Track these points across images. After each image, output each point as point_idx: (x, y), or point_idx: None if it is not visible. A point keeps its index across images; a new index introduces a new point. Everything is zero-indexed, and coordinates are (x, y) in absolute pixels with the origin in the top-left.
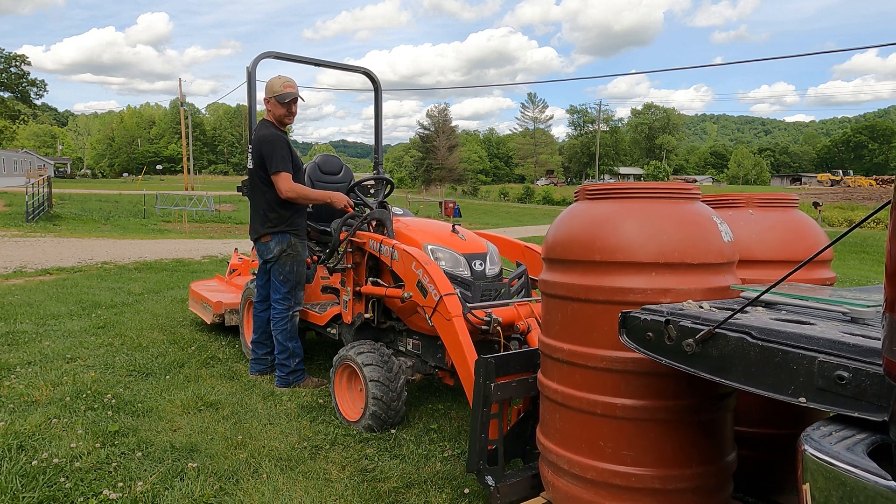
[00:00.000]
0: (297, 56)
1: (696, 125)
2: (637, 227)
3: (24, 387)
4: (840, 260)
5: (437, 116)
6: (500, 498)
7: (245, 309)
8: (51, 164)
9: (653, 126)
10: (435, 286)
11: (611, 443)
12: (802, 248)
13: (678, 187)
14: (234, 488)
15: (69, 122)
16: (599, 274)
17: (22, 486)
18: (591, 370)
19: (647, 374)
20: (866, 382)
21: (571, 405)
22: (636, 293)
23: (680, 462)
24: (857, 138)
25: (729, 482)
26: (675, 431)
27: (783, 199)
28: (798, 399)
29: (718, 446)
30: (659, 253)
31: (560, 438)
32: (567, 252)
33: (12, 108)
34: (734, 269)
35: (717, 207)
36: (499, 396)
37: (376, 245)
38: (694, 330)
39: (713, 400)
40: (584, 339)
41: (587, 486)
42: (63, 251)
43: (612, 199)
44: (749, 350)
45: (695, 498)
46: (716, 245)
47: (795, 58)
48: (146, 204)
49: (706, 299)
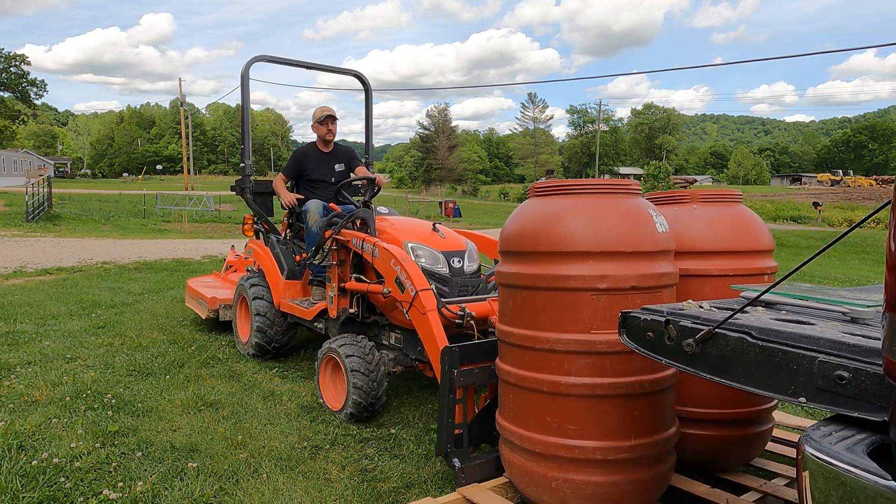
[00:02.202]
0: (288, 59)
1: (696, 125)
2: (578, 220)
3: (24, 387)
4: (840, 260)
5: (438, 116)
6: (465, 478)
7: (238, 304)
8: (51, 164)
9: (653, 126)
10: (411, 282)
11: (556, 418)
12: (744, 240)
13: (619, 184)
14: (234, 488)
15: (69, 122)
16: (545, 263)
17: (22, 486)
18: (538, 352)
19: (587, 353)
20: (866, 382)
21: (522, 385)
22: (576, 280)
23: (620, 435)
24: (857, 138)
25: (670, 454)
26: (615, 407)
27: (727, 194)
28: (798, 399)
29: (657, 421)
30: (597, 243)
31: (513, 417)
32: (517, 244)
33: (12, 108)
34: (670, 257)
35: (664, 203)
36: (462, 382)
37: (359, 243)
38: (694, 330)
39: (652, 379)
40: (532, 323)
41: (537, 460)
42: (63, 251)
43: (558, 195)
44: (749, 350)
45: (635, 468)
46: (650, 235)
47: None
48: (146, 204)
49: (640, 284)
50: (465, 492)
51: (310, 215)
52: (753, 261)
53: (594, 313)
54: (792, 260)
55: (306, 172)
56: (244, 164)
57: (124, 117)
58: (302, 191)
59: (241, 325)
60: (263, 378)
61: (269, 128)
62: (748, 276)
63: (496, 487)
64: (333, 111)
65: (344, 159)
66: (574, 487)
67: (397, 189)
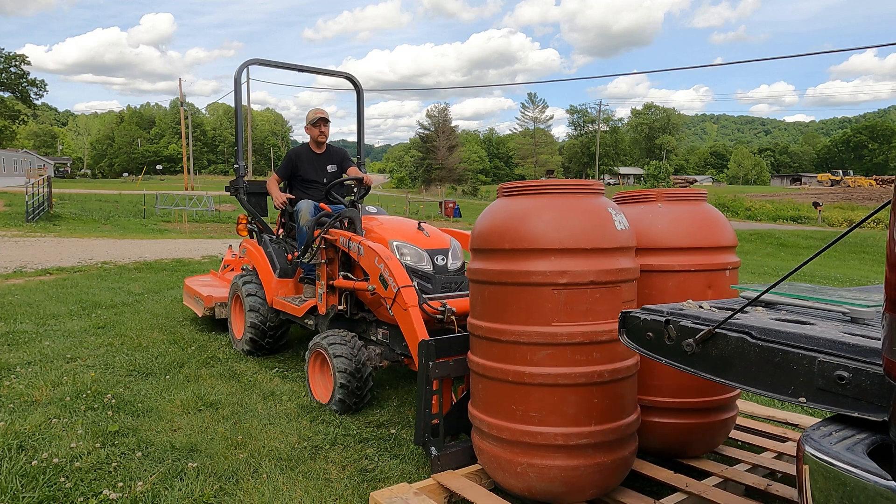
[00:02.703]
0: (280, 63)
1: (696, 125)
2: (541, 219)
3: (24, 387)
4: (840, 260)
5: (438, 116)
6: (441, 465)
7: (233, 302)
8: (51, 163)
9: (653, 126)
10: (394, 279)
11: (521, 406)
12: (707, 237)
13: (581, 184)
14: (234, 488)
15: (69, 122)
16: (510, 260)
17: (22, 486)
18: (504, 343)
19: (549, 345)
20: (866, 382)
21: (490, 375)
22: (538, 275)
23: (580, 421)
24: (857, 138)
25: (630, 440)
26: (575, 395)
27: (691, 193)
28: (798, 399)
29: (617, 408)
30: (558, 240)
31: (483, 406)
32: (485, 242)
33: (12, 108)
34: (630, 253)
35: (631, 202)
36: (437, 374)
37: (346, 241)
38: (694, 330)
39: (611, 369)
40: (498, 317)
41: (504, 446)
42: (63, 251)
43: (524, 195)
44: (749, 350)
45: (595, 453)
46: (609, 233)
47: (795, 58)
48: (146, 204)
49: (599, 279)
50: (440, 478)
51: (301, 215)
52: (715, 256)
53: (555, 307)
54: (792, 260)
55: (299, 173)
56: (237, 165)
57: (124, 117)
58: (295, 191)
59: (235, 322)
60: (263, 378)
61: (269, 128)
62: (710, 271)
63: (469, 474)
64: (326, 114)
65: (336, 160)
66: (538, 471)
67: (397, 189)
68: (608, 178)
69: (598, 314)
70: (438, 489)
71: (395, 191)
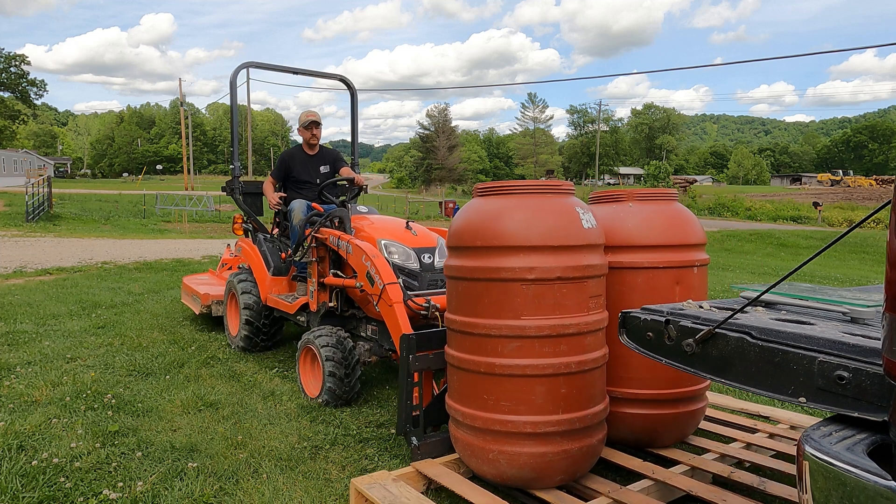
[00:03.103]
0: (275, 65)
1: (696, 125)
2: (511, 218)
3: (24, 387)
4: (840, 260)
5: (438, 116)
6: (420, 454)
7: (228, 300)
8: (51, 163)
9: (653, 126)
10: (380, 276)
11: (492, 396)
12: (676, 235)
13: (551, 185)
14: (234, 488)
15: (69, 122)
16: (482, 257)
17: (22, 486)
18: (476, 336)
19: (518, 337)
20: (866, 382)
21: (464, 367)
22: (508, 271)
23: (548, 410)
24: (857, 138)
25: (598, 428)
26: (543, 385)
27: (661, 193)
28: (798, 399)
29: (584, 397)
30: (527, 238)
31: (458, 396)
32: (460, 240)
33: (12, 108)
34: (598, 250)
35: (604, 202)
36: (417, 367)
37: (335, 240)
38: (694, 330)
39: (577, 360)
40: (471, 311)
41: (476, 434)
42: (63, 251)
43: (497, 195)
44: (749, 350)
45: (562, 440)
46: (575, 231)
47: (795, 58)
48: (146, 204)
49: (566, 275)
50: (419, 465)
51: (294, 214)
52: (683, 254)
53: (524, 301)
54: (792, 260)
55: (293, 174)
56: (233, 166)
57: (124, 117)
58: (288, 191)
59: (230, 319)
60: (263, 378)
61: (269, 128)
62: (678, 268)
63: (447, 462)
64: (318, 116)
65: (329, 161)
66: (508, 458)
67: (397, 189)
68: (608, 178)
69: (565, 308)
70: (417, 476)
71: (395, 191)
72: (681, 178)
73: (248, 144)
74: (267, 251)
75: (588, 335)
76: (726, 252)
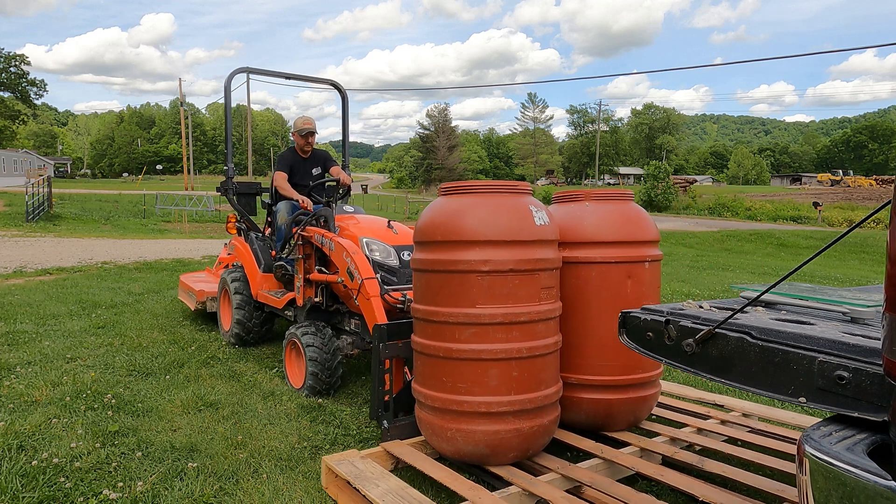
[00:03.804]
0: (268, 70)
1: (696, 125)
2: (469, 215)
3: (24, 387)
4: (840, 260)
5: (438, 116)
6: (390, 436)
7: (221, 296)
8: (51, 163)
9: (653, 126)
10: (358, 271)
11: (450, 378)
12: (628, 232)
13: (508, 185)
14: (234, 488)
15: (69, 122)
16: (442, 251)
17: (22, 486)
18: (437, 324)
19: (473, 324)
20: (866, 382)
21: (426, 352)
22: (464, 264)
23: (501, 391)
24: (857, 138)
25: (549, 409)
26: (496, 368)
27: (617, 193)
28: (798, 399)
29: (535, 381)
30: (482, 233)
31: (421, 380)
32: (423, 236)
33: (12, 108)
34: (550, 245)
35: (564, 202)
36: (387, 354)
37: (320, 238)
38: (694, 330)
39: (528, 346)
40: (433, 300)
41: (436, 414)
42: (63, 251)
43: (458, 194)
44: (749, 350)
45: (514, 419)
46: (527, 227)
47: (795, 58)
48: (146, 204)
49: (517, 267)
50: (387, 446)
51: (279, 215)
52: (635, 250)
53: (479, 291)
54: (792, 260)
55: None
56: (227, 167)
57: (124, 117)
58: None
59: (223, 315)
60: (263, 378)
61: (269, 128)
62: (630, 262)
63: (414, 444)
64: (314, 126)
65: (319, 162)
66: (464, 435)
67: (397, 189)
68: (608, 178)
69: (517, 298)
70: (385, 455)
71: (396, 191)
72: (681, 178)
73: (247, 144)
74: (258, 249)
75: (539, 323)
76: (726, 252)
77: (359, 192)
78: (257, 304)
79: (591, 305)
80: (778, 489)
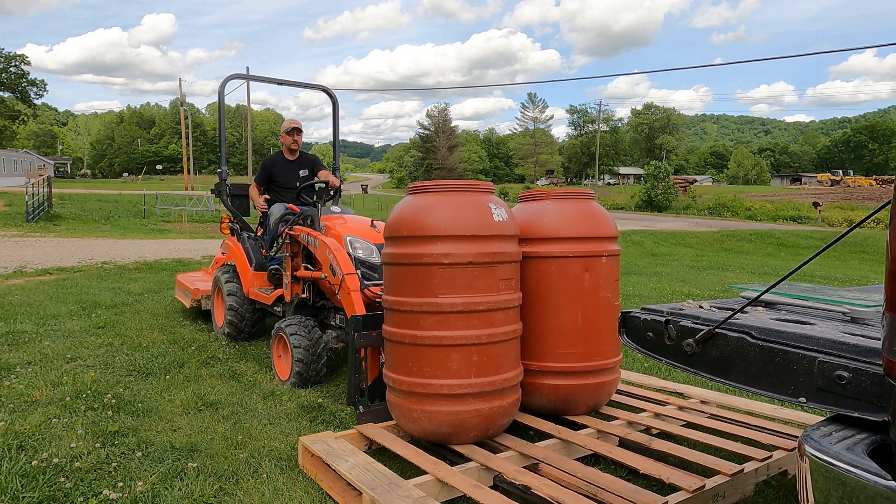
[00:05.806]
0: (260, 76)
1: (696, 125)
2: (432, 212)
3: (24, 387)
4: (840, 260)
5: (438, 116)
6: (364, 419)
7: (215, 294)
8: (51, 163)
9: (653, 126)
10: (340, 268)
11: (415, 363)
12: (586, 229)
13: (470, 184)
14: (234, 488)
15: (69, 122)
16: (408, 245)
17: (22, 486)
18: (403, 313)
19: (435, 313)
20: (866, 382)
21: (394, 339)
22: (427, 257)
23: (461, 374)
24: (857, 138)
25: (509, 392)
26: (457, 353)
27: (577, 192)
28: (798, 399)
29: (494, 365)
30: (444, 229)
31: (391, 366)
32: (391, 231)
33: (12, 108)
34: (509, 240)
35: (528, 200)
36: (362, 343)
37: (306, 237)
38: (694, 330)
39: (487, 333)
40: (399, 291)
41: (403, 396)
42: (63, 251)
43: (424, 193)
44: (749, 350)
45: (474, 401)
46: (486, 223)
47: (795, 58)
48: (146, 204)
49: (476, 260)
50: (361, 429)
51: (272, 217)
52: (592, 245)
53: (441, 282)
54: (792, 260)
55: (274, 178)
56: (221, 170)
57: (124, 117)
58: (272, 194)
59: (216, 311)
60: (263, 378)
61: (269, 128)
62: (587, 257)
63: (387, 427)
64: (299, 124)
65: (307, 165)
66: (428, 416)
67: (397, 189)
68: (608, 178)
69: (476, 288)
70: (359, 437)
71: (396, 191)
72: (681, 178)
73: (247, 145)
74: (250, 248)
75: (498, 312)
76: (726, 252)
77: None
78: (249, 301)
79: (552, 297)
80: (714, 463)
